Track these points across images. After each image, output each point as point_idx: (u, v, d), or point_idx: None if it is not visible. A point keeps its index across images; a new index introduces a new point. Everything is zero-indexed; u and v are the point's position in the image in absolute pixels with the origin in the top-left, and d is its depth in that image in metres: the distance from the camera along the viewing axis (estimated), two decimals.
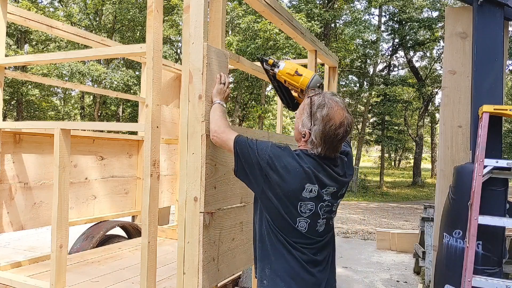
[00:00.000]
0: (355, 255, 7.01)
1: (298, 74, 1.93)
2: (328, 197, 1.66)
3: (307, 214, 1.62)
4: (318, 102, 1.61)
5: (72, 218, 3.48)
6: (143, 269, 2.10)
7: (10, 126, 2.99)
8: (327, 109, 1.59)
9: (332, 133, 1.58)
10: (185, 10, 1.97)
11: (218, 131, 1.79)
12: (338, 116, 1.59)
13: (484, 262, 2.89)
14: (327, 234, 1.73)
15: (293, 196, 1.58)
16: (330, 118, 1.58)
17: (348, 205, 14.91)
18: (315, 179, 1.59)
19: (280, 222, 1.63)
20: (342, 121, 1.59)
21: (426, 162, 37.35)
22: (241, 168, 1.68)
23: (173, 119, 4.62)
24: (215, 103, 1.92)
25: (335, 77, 4.22)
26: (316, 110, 1.60)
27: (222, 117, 1.84)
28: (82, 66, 16.96)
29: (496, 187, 2.94)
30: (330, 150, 1.62)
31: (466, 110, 3.53)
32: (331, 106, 1.60)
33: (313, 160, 1.61)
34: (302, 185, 1.58)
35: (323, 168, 1.62)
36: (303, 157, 1.61)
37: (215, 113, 1.87)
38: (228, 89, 2.00)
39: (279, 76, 1.99)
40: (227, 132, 1.77)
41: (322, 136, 1.58)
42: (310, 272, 1.65)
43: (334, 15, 18.25)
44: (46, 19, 3.28)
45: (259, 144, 1.64)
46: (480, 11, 3.25)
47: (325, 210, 1.67)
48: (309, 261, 1.65)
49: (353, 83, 23.64)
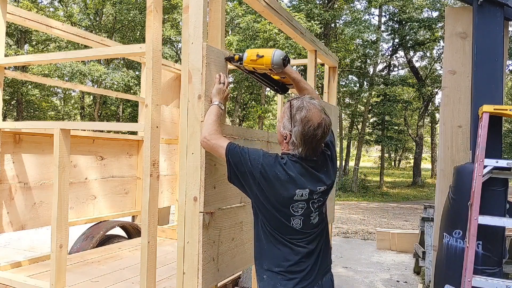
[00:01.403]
0: (355, 255, 7.01)
1: (259, 56, 1.93)
2: (319, 195, 1.74)
3: (300, 212, 1.70)
4: (297, 105, 1.70)
5: (72, 218, 3.48)
6: (143, 269, 2.10)
7: (10, 126, 2.99)
8: (305, 111, 1.67)
9: (311, 134, 1.66)
10: (185, 10, 1.97)
11: (208, 137, 1.81)
12: (316, 118, 1.67)
13: (484, 262, 2.89)
14: (321, 223, 1.82)
15: (285, 202, 1.67)
16: (308, 120, 1.66)
17: (348, 205, 14.91)
18: (304, 185, 1.68)
19: (275, 223, 1.71)
20: (320, 122, 1.67)
21: (426, 162, 37.34)
22: (234, 176, 1.74)
23: (173, 119, 4.62)
24: (213, 104, 1.93)
25: (335, 77, 4.22)
26: (295, 112, 1.68)
27: (215, 122, 1.85)
28: (83, 67, 16.95)
29: (496, 187, 2.94)
30: (310, 150, 1.69)
31: (466, 110, 3.53)
32: (309, 108, 1.68)
33: (299, 166, 1.69)
34: (293, 191, 1.66)
35: (309, 172, 1.71)
36: (290, 165, 1.68)
37: (209, 117, 1.88)
38: (227, 89, 2.01)
39: (247, 66, 2.00)
40: (218, 139, 1.79)
41: (302, 137, 1.66)
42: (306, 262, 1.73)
43: (334, 15, 18.23)
44: (46, 19, 3.28)
45: (251, 154, 1.70)
46: (480, 11, 3.25)
47: (318, 205, 1.76)
48: (305, 252, 1.73)
49: (353, 83, 23.60)
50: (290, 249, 1.71)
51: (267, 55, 1.91)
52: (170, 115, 4.58)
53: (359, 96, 22.01)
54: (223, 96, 1.97)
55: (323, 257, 1.82)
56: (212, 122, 1.85)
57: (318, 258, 1.78)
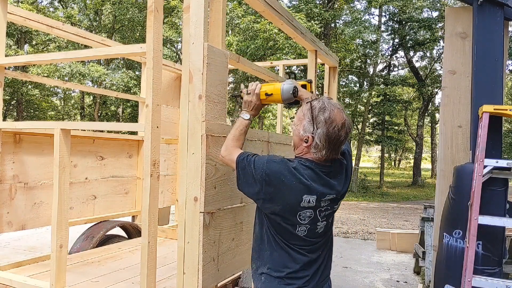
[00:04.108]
0: (355, 255, 7.01)
1: (268, 95, 1.95)
2: (327, 203, 1.69)
3: (307, 221, 1.66)
4: (318, 106, 1.64)
5: (72, 218, 3.48)
6: (143, 269, 2.10)
7: (10, 126, 2.98)
8: (328, 112, 1.61)
9: (336, 135, 1.61)
10: (185, 10, 1.97)
11: (223, 153, 1.83)
12: (340, 118, 1.62)
13: (484, 262, 2.89)
14: (327, 233, 1.78)
15: (292, 209, 1.62)
16: (332, 121, 1.60)
17: (348, 205, 14.92)
18: (313, 190, 1.62)
19: (281, 229, 1.68)
20: (344, 122, 1.63)
21: (426, 162, 37.35)
22: (243, 184, 1.73)
23: (173, 119, 4.62)
24: (239, 117, 1.92)
25: (335, 77, 4.22)
26: (317, 114, 1.62)
27: (234, 138, 1.85)
28: (82, 67, 16.93)
29: (496, 187, 2.94)
30: (334, 152, 1.65)
31: (466, 110, 3.53)
32: (331, 109, 1.63)
33: (310, 171, 1.63)
34: (300, 197, 1.61)
35: (320, 177, 1.65)
36: (300, 169, 1.62)
37: (231, 132, 1.89)
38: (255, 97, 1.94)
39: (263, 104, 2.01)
40: (230, 154, 1.80)
41: (326, 138, 1.60)
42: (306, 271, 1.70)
43: (334, 15, 18.23)
44: (46, 19, 3.28)
45: (256, 162, 1.67)
46: (480, 11, 3.25)
47: (325, 214, 1.71)
48: (306, 261, 1.70)
49: (353, 83, 23.62)
50: (291, 255, 1.68)
51: (276, 93, 1.93)
52: (170, 115, 4.58)
53: (359, 96, 22.02)
54: (250, 107, 1.93)
55: (325, 268, 1.79)
56: (231, 138, 1.85)
57: (319, 269, 1.74)
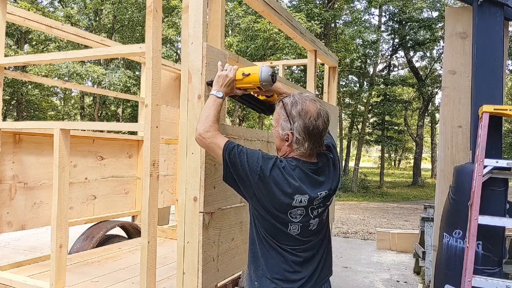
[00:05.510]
0: (355, 255, 7.01)
1: (245, 75, 1.79)
2: (320, 200, 1.65)
3: (298, 218, 1.61)
4: (290, 101, 1.64)
5: (72, 218, 3.48)
6: (143, 269, 2.10)
7: (10, 126, 2.98)
8: (300, 105, 1.61)
9: (314, 125, 1.59)
10: (184, 10, 1.97)
11: (204, 134, 1.68)
12: (313, 108, 1.61)
13: (484, 262, 2.89)
14: (321, 231, 1.73)
15: (283, 208, 1.58)
16: (306, 112, 1.60)
17: (348, 205, 14.91)
18: (303, 190, 1.59)
19: (272, 229, 1.63)
20: (319, 112, 1.62)
21: (426, 162, 37.34)
22: (230, 177, 1.65)
23: (172, 119, 4.62)
24: (210, 95, 1.78)
25: (335, 77, 4.22)
26: (291, 109, 1.62)
27: (210, 116, 1.71)
28: (80, 68, 16.89)
29: (496, 187, 2.94)
30: (316, 144, 1.63)
31: (466, 110, 3.53)
32: (303, 101, 1.63)
33: (299, 170, 1.61)
34: (292, 197, 1.57)
35: (309, 177, 1.62)
36: (289, 169, 1.59)
37: (204, 110, 1.75)
38: (231, 76, 1.80)
39: (237, 87, 1.86)
40: (214, 137, 1.67)
41: (305, 131, 1.59)
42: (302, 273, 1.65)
43: (334, 15, 18.23)
44: (46, 19, 3.28)
45: (249, 155, 1.60)
46: (480, 11, 3.25)
47: (318, 211, 1.67)
48: (301, 262, 1.66)
49: (353, 83, 23.62)
50: (285, 257, 1.63)
51: (253, 73, 1.78)
52: (170, 115, 4.58)
53: (359, 96, 22.01)
54: (223, 83, 1.79)
55: (323, 267, 1.74)
56: (206, 116, 1.71)
57: (317, 270, 1.69)
